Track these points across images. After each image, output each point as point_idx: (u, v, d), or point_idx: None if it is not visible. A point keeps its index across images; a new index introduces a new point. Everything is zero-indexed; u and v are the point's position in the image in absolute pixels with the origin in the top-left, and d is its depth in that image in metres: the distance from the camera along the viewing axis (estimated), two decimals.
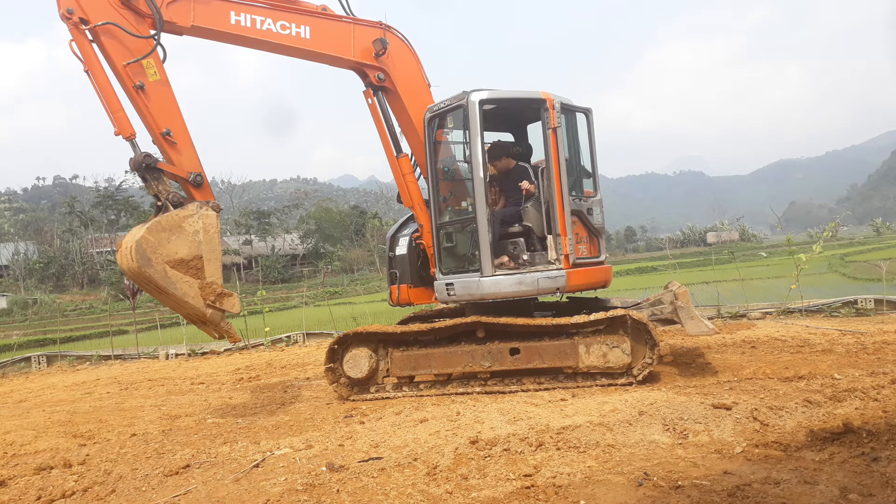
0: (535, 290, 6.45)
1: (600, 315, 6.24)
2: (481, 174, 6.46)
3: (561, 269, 6.48)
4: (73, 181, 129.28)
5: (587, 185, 7.14)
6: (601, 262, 7.05)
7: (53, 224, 70.58)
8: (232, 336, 6.73)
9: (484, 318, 6.41)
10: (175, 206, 5.97)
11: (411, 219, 7.51)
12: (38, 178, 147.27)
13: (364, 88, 7.12)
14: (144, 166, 5.92)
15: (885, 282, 11.13)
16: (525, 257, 6.61)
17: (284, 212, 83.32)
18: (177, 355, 12.83)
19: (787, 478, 3.44)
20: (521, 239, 6.72)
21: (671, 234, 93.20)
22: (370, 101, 7.08)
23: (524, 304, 6.89)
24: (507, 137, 7.87)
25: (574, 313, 6.58)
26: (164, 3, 6.13)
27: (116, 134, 5.86)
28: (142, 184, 6.62)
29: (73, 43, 5.78)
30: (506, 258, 6.64)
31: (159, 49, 6.11)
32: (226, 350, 12.82)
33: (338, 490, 3.87)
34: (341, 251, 66.48)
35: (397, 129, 7.23)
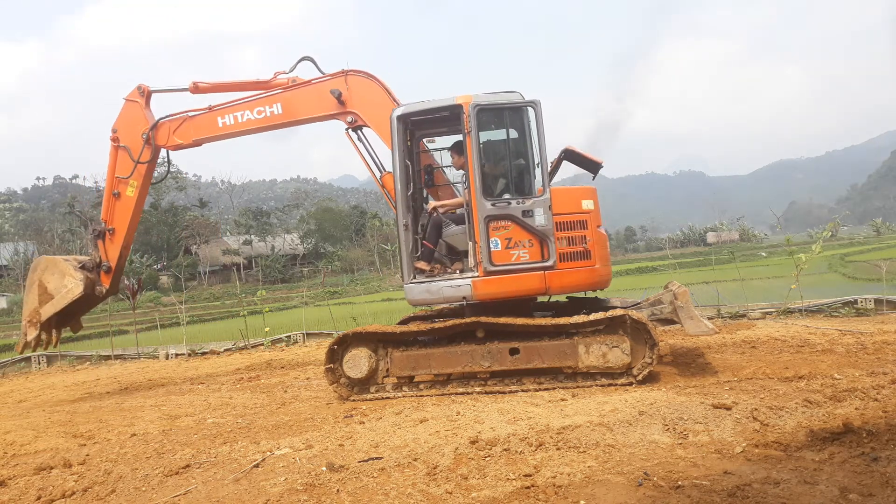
0: (442, 299, 6.68)
1: (600, 315, 6.24)
2: (399, 186, 6.80)
3: (467, 277, 6.52)
4: (73, 181, 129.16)
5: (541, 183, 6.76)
6: (548, 267, 6.50)
7: (53, 224, 70.55)
8: (19, 346, 9.21)
9: (483, 319, 6.42)
10: (84, 265, 8.75)
11: None
12: (38, 178, 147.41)
13: (345, 130, 7.76)
14: (96, 232, 8.87)
15: (885, 282, 11.12)
16: (458, 264, 6.85)
17: (284, 212, 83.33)
18: (177, 355, 12.83)
19: (787, 478, 3.44)
20: (445, 246, 6.99)
21: (671, 234, 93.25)
22: (350, 141, 7.67)
23: (524, 305, 6.89)
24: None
25: (574, 313, 6.58)
26: (172, 131, 8.33)
27: (102, 218, 8.80)
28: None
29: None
30: (437, 265, 6.91)
31: (151, 168, 8.67)
32: (226, 350, 12.82)
33: (338, 490, 3.87)
34: (341, 251, 66.51)
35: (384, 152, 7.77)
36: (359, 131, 7.67)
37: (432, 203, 7.19)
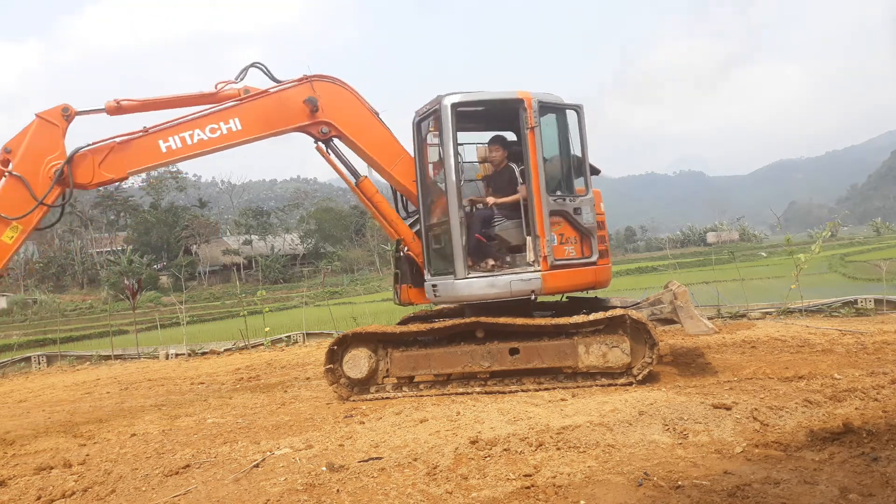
0: (508, 293, 6.46)
1: (599, 315, 6.24)
2: (454, 177, 6.48)
3: (537, 271, 6.45)
4: None
5: (580, 183, 7.06)
6: (592, 263, 6.81)
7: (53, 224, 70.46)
8: None
9: (483, 319, 6.41)
10: None
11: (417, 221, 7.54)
12: None
13: (314, 144, 7.12)
14: None
15: (885, 282, 11.12)
16: (507, 259, 6.70)
17: (285, 211, 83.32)
18: (177, 355, 12.83)
19: (787, 478, 3.44)
20: (497, 241, 6.82)
21: (671, 234, 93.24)
22: (323, 155, 7.13)
23: (523, 305, 6.89)
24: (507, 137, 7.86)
25: (574, 313, 6.58)
26: (97, 163, 6.43)
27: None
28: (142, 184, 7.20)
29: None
30: (490, 260, 6.71)
31: (46, 211, 6.47)
32: (226, 350, 12.83)
33: (338, 490, 3.87)
34: (341, 251, 66.50)
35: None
36: (330, 142, 7.15)
37: (490, 199, 6.91)
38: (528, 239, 6.52)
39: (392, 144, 7.25)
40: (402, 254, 7.42)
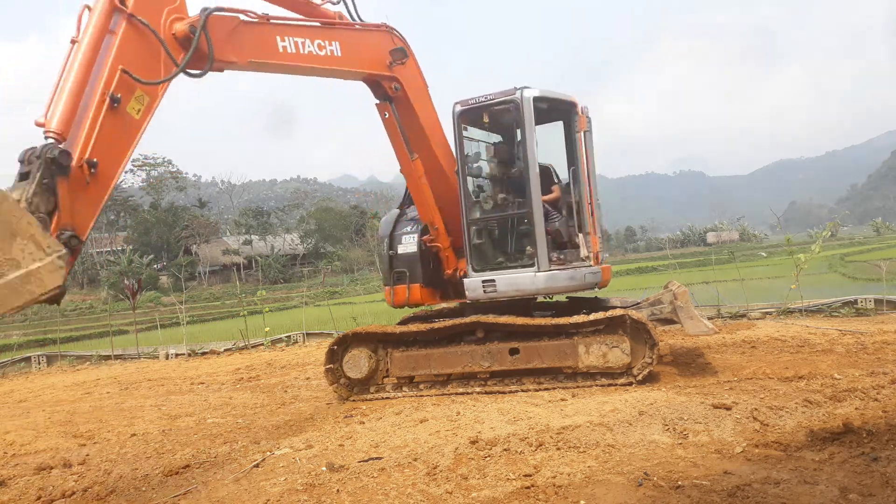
0: (582, 286, 6.67)
1: (600, 315, 6.24)
2: (537, 170, 6.57)
3: (594, 266, 6.79)
4: None
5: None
6: (604, 262, 7.25)
7: None
8: None
9: (483, 318, 6.41)
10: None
11: (403, 217, 7.48)
12: None
13: (377, 102, 6.72)
14: (56, 164, 3.84)
15: (885, 282, 11.12)
16: (562, 254, 6.75)
17: (285, 211, 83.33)
18: (177, 355, 12.83)
19: (787, 478, 3.44)
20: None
21: (671, 234, 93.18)
22: (386, 115, 6.73)
23: (524, 304, 6.90)
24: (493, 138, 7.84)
25: (573, 314, 6.58)
26: (226, 36, 5.06)
27: (39, 124, 4.12)
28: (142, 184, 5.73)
29: (89, 10, 4.40)
30: (554, 254, 6.71)
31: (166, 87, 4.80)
32: (226, 350, 12.83)
33: (338, 490, 3.87)
34: (341, 251, 66.50)
35: None
36: (393, 105, 6.64)
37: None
38: (581, 236, 6.72)
39: (440, 128, 7.05)
40: (397, 252, 7.28)
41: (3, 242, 3.48)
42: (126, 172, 77.27)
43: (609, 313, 6.23)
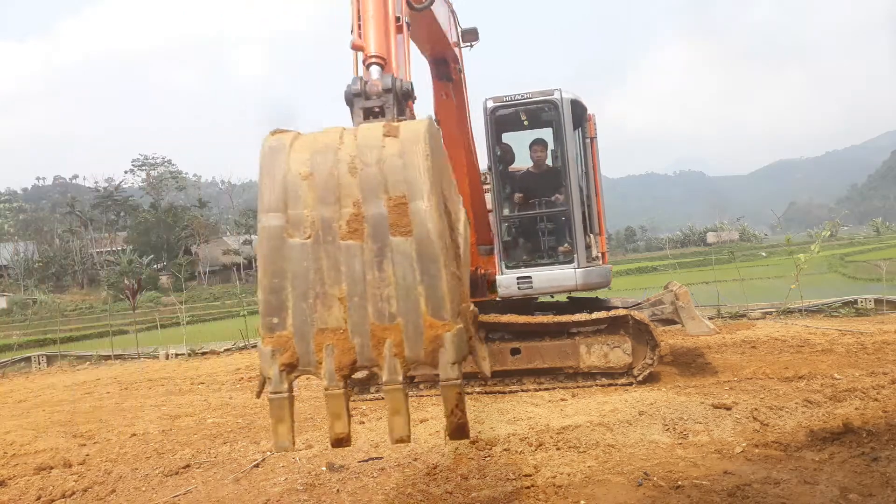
0: (607, 282, 6.94)
1: (602, 315, 6.24)
2: (578, 169, 6.83)
3: (605, 265, 7.02)
4: (73, 181, 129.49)
5: None
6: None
7: (53, 224, 70.57)
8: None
9: (484, 318, 6.40)
10: None
11: None
12: (38, 178, 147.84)
13: (438, 81, 6.32)
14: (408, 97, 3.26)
15: (885, 282, 11.14)
16: (576, 253, 6.86)
17: None
18: (177, 355, 12.82)
19: (787, 478, 3.44)
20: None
21: (671, 234, 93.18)
22: (444, 97, 6.36)
23: (525, 304, 6.90)
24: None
25: (574, 313, 6.58)
26: None
27: (356, 46, 3.49)
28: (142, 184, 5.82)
29: None
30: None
31: None
32: (226, 350, 12.82)
33: (338, 490, 3.87)
34: None
35: None
36: (451, 87, 6.36)
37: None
38: (592, 236, 6.86)
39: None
40: None
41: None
42: (126, 172, 77.39)
43: (612, 313, 6.24)
